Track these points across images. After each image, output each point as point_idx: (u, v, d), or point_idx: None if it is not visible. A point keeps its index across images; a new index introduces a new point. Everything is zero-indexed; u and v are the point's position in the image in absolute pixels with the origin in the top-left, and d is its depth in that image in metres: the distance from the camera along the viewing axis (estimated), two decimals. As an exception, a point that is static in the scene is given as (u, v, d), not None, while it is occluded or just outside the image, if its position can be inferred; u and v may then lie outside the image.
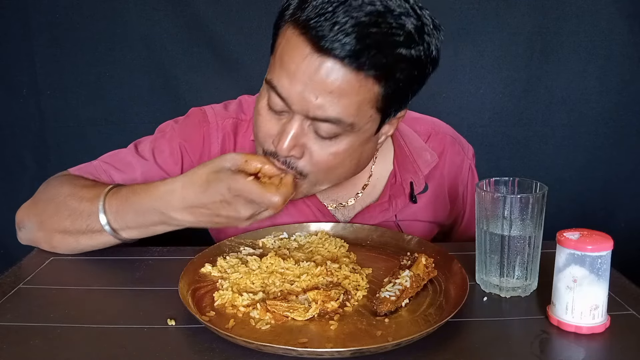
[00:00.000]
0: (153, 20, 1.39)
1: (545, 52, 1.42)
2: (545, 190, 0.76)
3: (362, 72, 0.74)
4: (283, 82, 0.78)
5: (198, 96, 1.40)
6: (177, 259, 0.89)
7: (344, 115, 0.77)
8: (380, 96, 0.78)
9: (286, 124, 0.80)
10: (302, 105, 0.77)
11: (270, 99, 0.81)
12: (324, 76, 0.74)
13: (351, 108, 0.77)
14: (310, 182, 0.86)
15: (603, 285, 0.67)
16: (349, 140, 0.82)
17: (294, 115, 0.79)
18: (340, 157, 0.83)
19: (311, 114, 0.77)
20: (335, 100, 0.76)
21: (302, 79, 0.75)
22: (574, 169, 1.51)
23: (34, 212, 0.94)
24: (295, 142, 0.80)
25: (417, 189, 1.02)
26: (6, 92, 1.45)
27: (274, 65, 0.80)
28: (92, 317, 0.72)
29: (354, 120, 0.79)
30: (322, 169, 0.84)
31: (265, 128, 0.83)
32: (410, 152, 1.03)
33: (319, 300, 0.71)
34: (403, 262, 0.80)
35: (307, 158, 0.82)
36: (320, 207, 1.01)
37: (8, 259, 0.94)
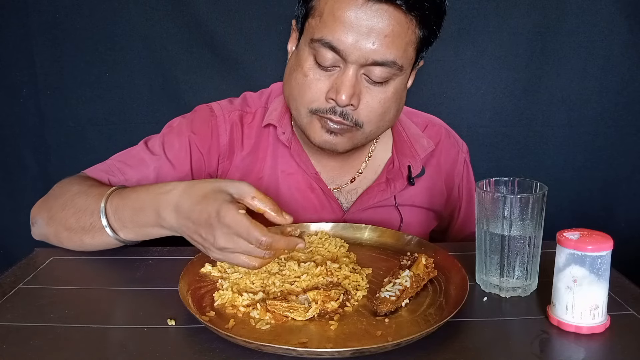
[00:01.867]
0: (153, 20, 1.39)
1: (545, 52, 1.42)
2: (545, 190, 0.76)
3: (410, 14, 0.83)
4: (339, 35, 0.83)
5: (198, 96, 1.40)
6: (177, 259, 0.89)
7: (398, 57, 0.85)
8: (420, 38, 0.88)
9: (341, 76, 0.86)
10: (361, 53, 0.83)
11: (319, 57, 0.86)
12: (379, 21, 0.82)
13: (402, 50, 0.85)
14: (364, 132, 0.92)
15: (603, 285, 0.67)
16: (395, 84, 0.89)
17: (348, 66, 0.85)
18: (389, 102, 0.90)
19: (370, 59, 0.84)
20: (390, 43, 0.83)
21: (360, 28, 0.82)
22: (574, 169, 1.50)
23: (44, 207, 0.95)
24: (354, 90, 0.86)
25: (414, 172, 1.05)
26: (6, 92, 1.44)
27: (324, 23, 0.85)
28: (92, 317, 0.72)
29: (403, 62, 0.87)
30: (376, 116, 0.90)
31: (316, 86, 0.88)
32: (407, 137, 1.07)
33: (319, 300, 0.71)
34: (403, 262, 0.80)
35: (363, 107, 0.88)
36: (325, 189, 1.03)
37: (8, 259, 0.94)
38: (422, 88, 1.44)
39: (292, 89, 0.92)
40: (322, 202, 1.04)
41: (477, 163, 1.20)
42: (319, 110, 0.89)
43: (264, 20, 1.38)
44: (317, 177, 1.03)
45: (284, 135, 1.01)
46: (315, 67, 0.88)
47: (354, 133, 0.92)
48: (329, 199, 1.04)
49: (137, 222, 0.84)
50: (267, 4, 1.37)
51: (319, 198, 1.03)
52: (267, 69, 1.42)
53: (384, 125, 0.94)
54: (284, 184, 1.03)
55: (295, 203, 1.02)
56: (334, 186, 1.05)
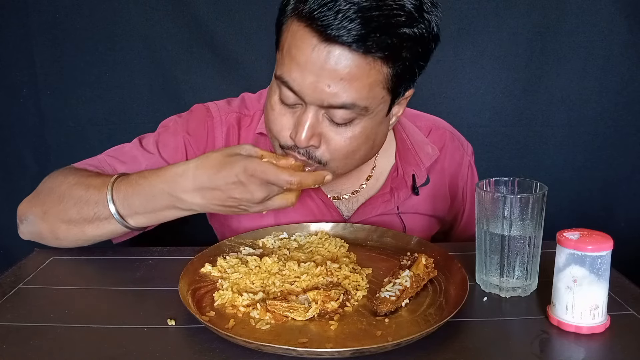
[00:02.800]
0: (153, 20, 1.39)
1: (545, 52, 1.42)
2: (545, 190, 0.76)
3: (370, 55, 0.76)
4: (294, 76, 0.79)
5: (198, 96, 1.40)
6: (177, 259, 0.89)
7: (358, 99, 0.79)
8: (390, 76, 0.81)
9: (301, 115, 0.82)
10: (316, 95, 0.79)
11: (282, 94, 0.83)
12: (334, 64, 0.76)
13: (364, 91, 0.79)
14: (331, 169, 0.87)
15: (603, 285, 0.67)
16: (364, 124, 0.84)
17: (308, 106, 0.81)
18: (357, 141, 0.85)
19: (326, 103, 0.79)
20: (347, 86, 0.78)
21: (313, 70, 0.77)
22: (574, 169, 1.50)
23: (36, 203, 0.93)
24: (313, 131, 0.82)
25: (419, 182, 1.03)
26: (6, 92, 1.44)
27: (282, 60, 0.81)
28: (92, 317, 0.72)
29: (367, 104, 0.81)
30: (341, 155, 0.86)
31: (280, 122, 0.85)
32: (412, 145, 1.04)
33: (319, 300, 0.71)
34: (403, 262, 0.80)
35: (325, 146, 0.84)
36: (325, 199, 1.02)
37: (8, 259, 0.94)
38: (422, 88, 1.44)
39: (265, 119, 0.90)
40: (322, 211, 1.02)
41: (477, 163, 1.20)
42: (285, 146, 0.86)
43: (264, 20, 1.38)
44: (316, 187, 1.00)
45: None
46: (280, 102, 0.85)
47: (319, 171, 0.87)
48: (329, 208, 1.02)
49: (150, 208, 0.84)
50: (267, 4, 1.37)
51: (319, 207, 1.02)
52: (267, 69, 1.41)
53: (354, 161, 0.90)
54: None
55: (295, 212, 1.00)
56: (334, 195, 1.04)
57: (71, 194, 0.89)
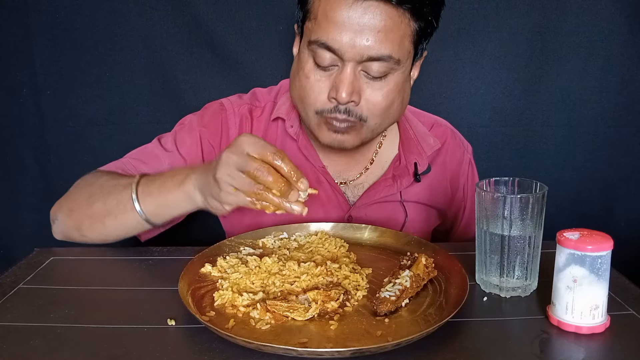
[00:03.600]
0: (153, 20, 1.39)
1: (545, 52, 1.42)
2: (545, 190, 0.76)
3: (401, 7, 0.85)
4: (334, 35, 0.85)
5: (198, 96, 1.40)
6: (177, 259, 0.89)
7: (393, 50, 0.87)
8: (415, 31, 0.89)
9: (339, 74, 0.88)
10: (356, 50, 0.85)
11: (318, 57, 0.88)
12: (371, 18, 0.84)
13: (396, 43, 0.87)
14: (369, 126, 0.94)
15: (603, 285, 0.67)
16: (395, 78, 0.91)
17: (345, 64, 0.87)
18: (391, 96, 0.91)
19: (365, 56, 0.86)
20: (384, 38, 0.85)
21: (352, 27, 0.84)
22: (574, 169, 1.50)
23: (65, 202, 0.97)
24: (353, 87, 0.88)
25: (421, 169, 1.06)
26: (6, 92, 1.44)
27: (318, 25, 0.87)
28: (92, 317, 0.72)
29: (400, 56, 0.88)
30: (379, 110, 0.92)
31: (317, 87, 0.91)
32: (414, 135, 1.08)
33: (319, 300, 0.71)
34: (403, 262, 0.80)
35: (364, 103, 0.90)
36: (333, 183, 1.05)
37: (8, 259, 0.94)
38: (422, 88, 1.44)
39: (296, 91, 0.95)
40: (328, 195, 1.05)
41: (477, 163, 1.20)
42: (324, 111, 0.91)
43: (264, 20, 1.38)
44: (324, 170, 1.04)
45: (292, 128, 1.03)
46: (315, 68, 0.90)
47: (360, 129, 0.93)
48: (336, 193, 1.05)
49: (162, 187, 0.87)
50: (267, 4, 1.37)
51: (326, 192, 1.05)
52: (267, 69, 1.42)
53: (388, 118, 0.95)
54: None
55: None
56: (341, 180, 1.07)
57: (102, 189, 0.93)
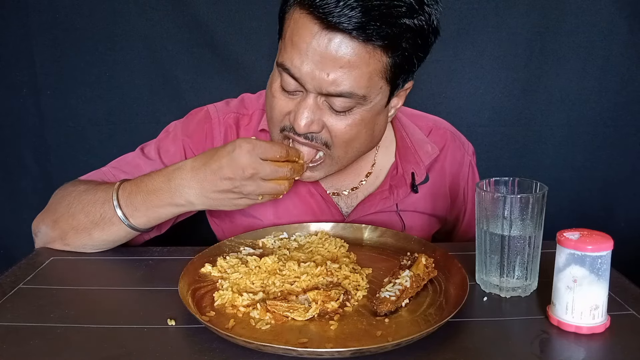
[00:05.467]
0: (153, 20, 1.39)
1: (545, 52, 1.42)
2: (545, 190, 0.76)
3: (369, 43, 0.78)
4: (295, 63, 0.81)
5: (198, 96, 1.40)
6: (177, 259, 0.89)
7: (356, 88, 0.81)
8: (389, 66, 0.82)
9: (301, 102, 0.84)
10: (315, 82, 0.81)
11: (283, 81, 0.85)
12: (334, 51, 0.78)
13: (362, 80, 0.81)
14: (332, 157, 0.90)
15: (603, 285, 0.67)
16: (363, 112, 0.86)
17: (308, 94, 0.83)
18: (356, 129, 0.87)
19: (324, 90, 0.81)
20: (347, 74, 0.79)
21: (314, 57, 0.79)
22: (574, 169, 1.50)
23: (47, 214, 0.95)
24: (312, 117, 0.84)
25: (418, 180, 1.03)
26: (6, 92, 1.44)
27: (285, 48, 0.83)
28: (92, 317, 0.72)
29: (366, 92, 0.82)
30: (342, 141, 0.88)
31: (279, 107, 0.87)
32: (412, 143, 1.05)
33: (319, 300, 0.71)
34: (403, 262, 0.80)
35: (326, 132, 0.87)
36: (324, 195, 1.03)
37: (8, 259, 0.94)
38: (422, 88, 1.44)
39: (266, 107, 0.93)
40: (321, 207, 1.03)
41: (477, 163, 1.20)
42: (285, 128, 0.88)
43: (264, 20, 1.38)
44: (315, 181, 1.01)
45: None
46: (281, 89, 0.86)
47: (325, 161, 0.90)
48: (328, 205, 1.03)
49: (150, 204, 0.86)
50: (267, 4, 1.37)
51: (318, 203, 1.03)
52: (267, 69, 1.41)
53: (353, 150, 0.91)
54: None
55: (294, 208, 1.02)
56: (333, 191, 1.04)
57: (80, 200, 0.91)
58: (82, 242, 0.91)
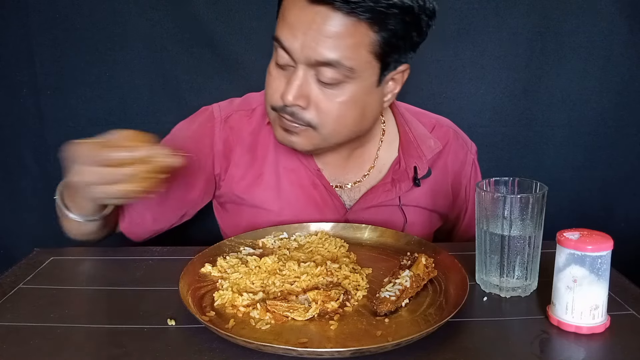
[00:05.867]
0: (153, 20, 1.39)
1: (545, 52, 1.42)
2: (545, 190, 0.76)
3: (353, 16, 0.81)
4: (286, 35, 0.85)
5: (198, 96, 1.40)
6: (177, 259, 0.89)
7: (343, 57, 0.83)
8: (376, 42, 0.84)
9: (291, 75, 0.87)
10: (304, 53, 0.84)
11: (277, 55, 0.88)
12: (319, 23, 0.82)
13: (348, 51, 0.83)
14: (322, 135, 0.91)
15: (603, 285, 0.67)
16: (352, 88, 0.87)
17: (298, 65, 0.86)
18: (344, 106, 0.89)
19: (313, 60, 0.84)
20: (332, 44, 0.83)
21: (301, 29, 0.83)
22: (574, 169, 1.50)
23: None
24: (300, 91, 0.87)
25: (421, 173, 1.04)
26: (6, 92, 1.44)
27: (278, 23, 0.88)
28: (92, 317, 0.72)
29: (353, 64, 0.84)
30: (330, 119, 0.89)
31: (274, 84, 0.91)
32: (414, 138, 1.06)
33: (319, 300, 0.71)
34: (403, 262, 0.80)
35: (314, 108, 0.88)
36: (328, 187, 1.04)
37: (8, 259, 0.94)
38: (422, 88, 1.44)
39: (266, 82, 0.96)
40: (324, 198, 1.04)
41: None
42: (276, 108, 0.91)
43: (264, 20, 1.38)
44: (319, 173, 1.03)
45: None
46: (276, 65, 0.90)
47: (311, 134, 0.91)
48: (332, 196, 1.04)
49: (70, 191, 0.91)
50: (267, 4, 1.36)
51: (322, 195, 1.04)
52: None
53: (345, 129, 0.92)
54: (286, 180, 1.04)
55: (297, 199, 1.03)
56: (337, 183, 1.06)
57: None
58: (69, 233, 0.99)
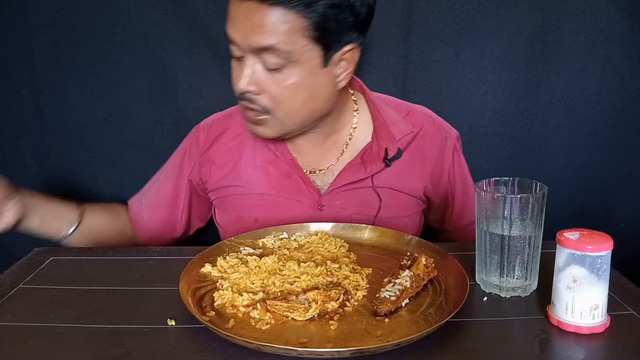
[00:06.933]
0: (153, 20, 1.39)
1: (545, 52, 1.42)
2: (545, 190, 0.76)
3: (279, 7, 0.88)
4: (230, 29, 0.94)
5: (198, 96, 1.40)
6: (177, 259, 0.89)
7: (277, 42, 0.90)
8: (308, 26, 0.90)
9: (241, 64, 0.95)
10: (245, 42, 0.92)
11: (231, 49, 0.96)
12: (251, 15, 0.89)
13: (281, 36, 0.89)
14: (278, 118, 0.98)
15: (603, 285, 0.67)
16: (296, 71, 0.93)
17: (246, 55, 0.94)
18: (292, 88, 0.95)
19: (254, 47, 0.91)
20: (266, 31, 0.89)
21: (240, 21, 0.92)
22: (574, 169, 1.50)
23: None
24: (250, 78, 0.94)
25: (391, 154, 1.07)
26: (6, 92, 1.44)
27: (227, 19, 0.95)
28: (92, 317, 0.72)
29: (289, 49, 0.91)
30: (281, 101, 0.96)
31: (233, 75, 0.99)
32: (384, 121, 1.10)
33: (319, 300, 0.71)
34: (403, 262, 0.80)
35: (267, 93, 0.95)
36: (301, 174, 1.08)
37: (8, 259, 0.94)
38: (422, 88, 1.44)
39: None
40: (299, 186, 1.07)
41: (476, 163, 1.20)
42: (238, 97, 0.98)
43: (263, 20, 1.38)
44: (293, 162, 1.07)
45: None
46: (233, 59, 0.98)
47: (270, 120, 0.98)
48: (306, 184, 1.07)
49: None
50: (267, 4, 1.37)
51: (296, 182, 1.07)
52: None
53: (296, 111, 0.98)
54: (263, 173, 1.09)
55: (273, 189, 1.08)
56: (311, 169, 1.09)
57: None
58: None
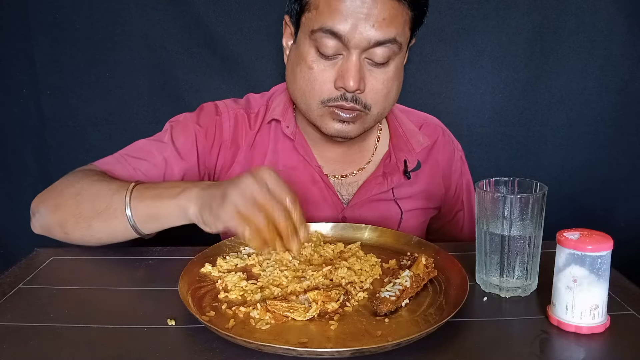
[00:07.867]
0: (153, 20, 1.39)
1: (545, 52, 1.42)
2: (545, 190, 0.76)
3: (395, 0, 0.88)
4: (339, 22, 0.88)
5: (198, 96, 1.40)
6: (177, 259, 0.89)
7: (397, 34, 0.90)
8: (412, 19, 0.93)
9: (345, 63, 0.90)
10: (361, 37, 0.88)
11: (321, 46, 0.90)
12: (376, 6, 0.87)
13: (399, 28, 0.90)
14: (372, 115, 0.96)
15: (603, 285, 0.67)
16: (396, 63, 0.94)
17: (351, 52, 0.90)
18: (391, 82, 0.95)
19: (373, 41, 0.89)
20: (389, 24, 0.89)
21: (356, 14, 0.87)
22: (574, 169, 1.50)
23: (50, 196, 0.94)
24: (360, 75, 0.90)
25: (411, 166, 1.07)
26: (6, 92, 1.44)
27: (320, 14, 0.89)
28: (92, 317, 0.72)
29: (402, 40, 0.92)
30: (381, 97, 0.95)
31: (321, 77, 0.92)
32: (404, 132, 1.09)
33: (319, 300, 0.71)
34: (403, 262, 0.80)
35: (369, 90, 0.93)
36: (326, 180, 1.05)
37: (8, 259, 0.94)
38: (422, 88, 1.44)
39: (298, 83, 0.95)
40: (323, 194, 1.05)
41: (476, 163, 1.20)
42: (330, 100, 0.92)
43: (264, 20, 1.38)
44: (320, 170, 1.05)
45: (288, 128, 1.04)
46: (319, 58, 0.91)
47: (364, 118, 0.95)
48: (330, 193, 1.05)
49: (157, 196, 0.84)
50: (267, 4, 1.37)
51: (321, 191, 1.05)
52: (267, 69, 1.42)
53: (387, 105, 0.98)
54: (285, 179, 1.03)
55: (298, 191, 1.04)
56: (335, 178, 1.08)
57: (90, 187, 0.90)
58: (80, 232, 0.90)
